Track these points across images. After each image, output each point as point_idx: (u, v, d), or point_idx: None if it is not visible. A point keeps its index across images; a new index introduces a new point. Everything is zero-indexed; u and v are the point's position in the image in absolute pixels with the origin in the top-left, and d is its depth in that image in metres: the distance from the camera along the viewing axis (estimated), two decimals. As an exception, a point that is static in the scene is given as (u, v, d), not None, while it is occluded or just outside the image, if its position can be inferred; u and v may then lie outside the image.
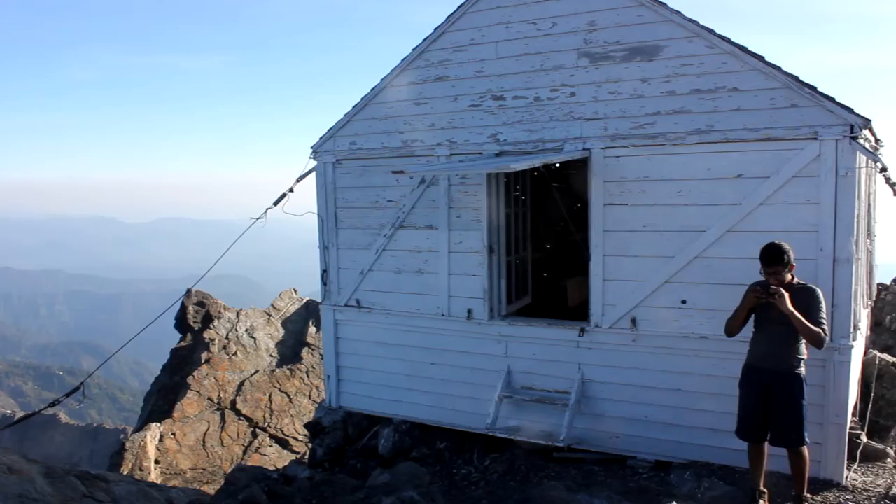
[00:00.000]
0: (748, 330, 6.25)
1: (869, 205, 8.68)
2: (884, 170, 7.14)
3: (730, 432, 6.37)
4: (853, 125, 6.63)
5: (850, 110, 6.67)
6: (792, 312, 5.71)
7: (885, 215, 10.48)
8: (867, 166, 7.13)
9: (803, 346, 5.98)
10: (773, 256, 5.86)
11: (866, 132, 6.99)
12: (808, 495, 6.25)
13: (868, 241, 8.92)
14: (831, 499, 6.65)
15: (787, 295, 5.73)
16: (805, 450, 6.00)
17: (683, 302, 7.48)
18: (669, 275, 7.51)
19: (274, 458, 17.76)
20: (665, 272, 7.52)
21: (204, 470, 17.04)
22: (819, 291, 5.95)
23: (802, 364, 5.97)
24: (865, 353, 10.05)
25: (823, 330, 5.80)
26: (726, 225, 7.19)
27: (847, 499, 6.65)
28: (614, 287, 7.83)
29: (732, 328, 6.25)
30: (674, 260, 7.47)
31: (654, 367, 7.68)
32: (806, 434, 5.95)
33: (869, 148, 7.13)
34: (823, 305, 5.91)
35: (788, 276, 5.93)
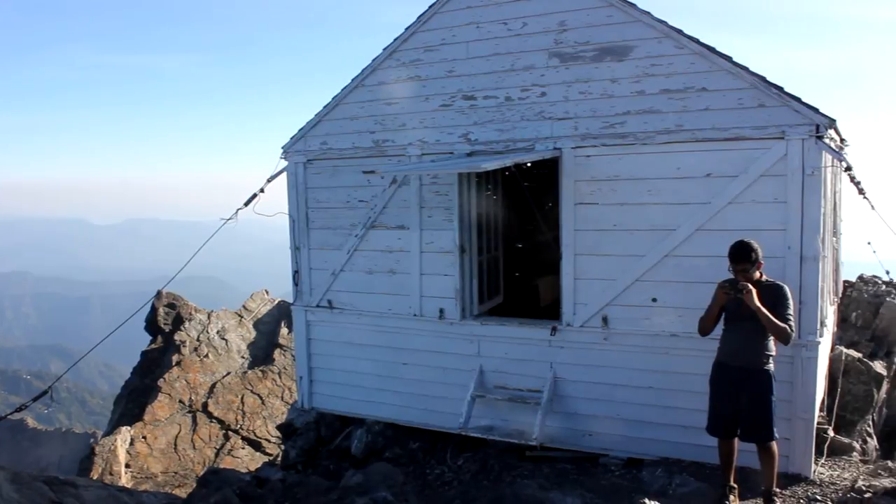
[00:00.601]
0: (719, 327, 6.31)
1: (835, 203, 8.80)
2: (848, 169, 7.25)
3: (701, 429, 6.43)
4: (819, 125, 6.73)
5: (816, 110, 6.76)
6: (759, 308, 5.77)
7: (851, 213, 10.65)
8: (833, 165, 7.24)
9: (772, 343, 6.04)
10: (741, 254, 5.92)
11: (832, 132, 7.09)
12: (778, 490, 6.32)
13: (834, 239, 9.05)
14: (800, 493, 6.74)
15: (755, 291, 5.79)
16: (774, 445, 6.07)
17: (654, 300, 7.53)
18: (640, 273, 7.56)
19: (246, 460, 17.67)
20: (636, 271, 7.58)
21: (175, 473, 16.90)
22: (787, 288, 6.02)
23: (771, 360, 6.04)
24: (832, 350, 10.20)
25: (790, 326, 5.87)
26: (696, 223, 7.26)
27: (815, 492, 6.74)
28: (585, 286, 7.87)
29: (705, 327, 6.30)
30: (644, 259, 7.52)
31: (625, 366, 7.72)
32: (775, 429, 6.02)
33: (834, 147, 7.24)
34: (791, 302, 5.98)
35: (757, 274, 5.99)
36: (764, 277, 6.06)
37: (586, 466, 7.88)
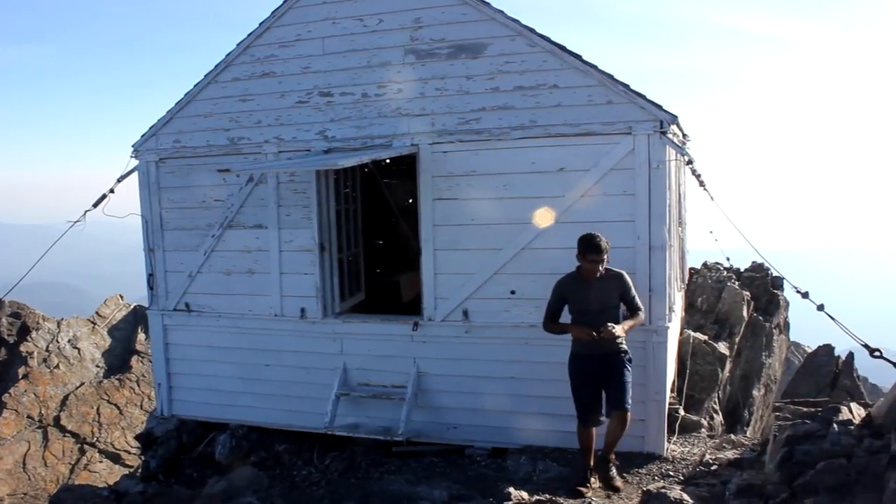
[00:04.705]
0: (566, 315, 6.49)
1: (679, 195, 9.28)
2: (690, 162, 7.65)
3: (561, 416, 6.64)
4: (662, 121, 7.07)
5: (660, 107, 7.11)
6: (625, 332, 6.15)
7: (694, 205, 11.30)
8: (676, 159, 7.63)
9: (621, 328, 6.32)
10: (597, 248, 6.06)
11: (674, 127, 7.47)
12: (613, 457, 6.51)
13: (680, 228, 9.55)
14: (654, 470, 7.08)
15: (614, 327, 6.03)
16: (628, 416, 6.25)
17: (512, 292, 7.70)
18: (498, 266, 7.71)
19: (105, 474, 16.91)
20: (494, 264, 7.72)
21: (25, 495, 15.97)
22: (626, 275, 6.34)
23: (623, 342, 6.26)
24: (681, 333, 10.76)
25: (641, 309, 6.32)
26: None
27: (668, 469, 7.11)
28: (445, 280, 7.96)
29: (552, 332, 6.53)
30: (502, 252, 7.68)
31: (487, 357, 7.87)
32: (629, 402, 6.20)
33: (677, 142, 7.63)
34: (632, 285, 6.34)
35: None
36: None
37: (453, 458, 7.99)
